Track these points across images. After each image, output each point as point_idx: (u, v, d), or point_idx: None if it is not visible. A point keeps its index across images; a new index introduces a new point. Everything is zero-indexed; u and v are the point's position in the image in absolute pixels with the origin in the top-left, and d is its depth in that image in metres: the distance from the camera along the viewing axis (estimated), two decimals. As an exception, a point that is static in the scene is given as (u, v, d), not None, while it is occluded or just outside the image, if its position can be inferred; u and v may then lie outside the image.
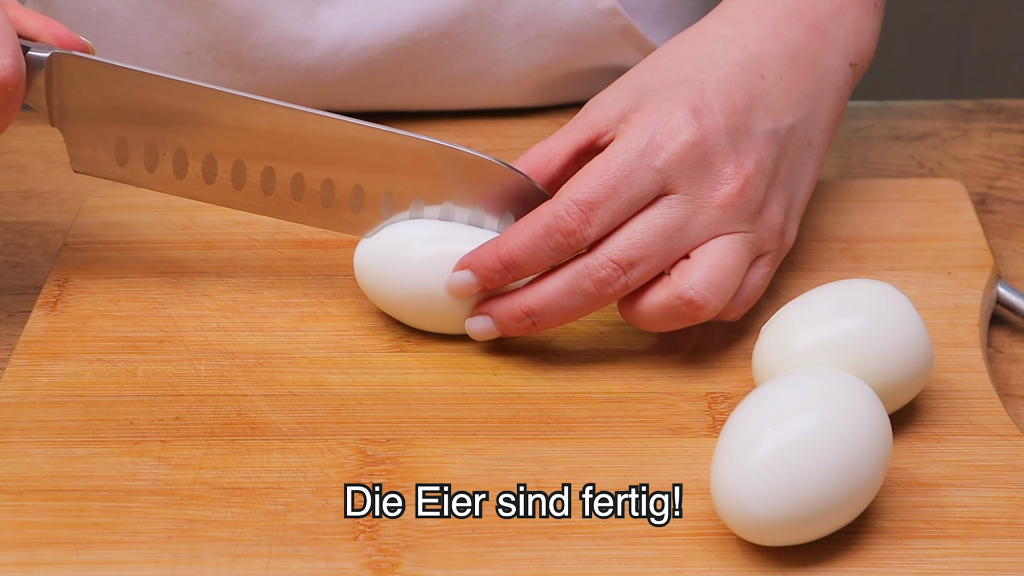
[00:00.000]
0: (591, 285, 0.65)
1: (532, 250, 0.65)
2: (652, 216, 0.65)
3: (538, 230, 0.65)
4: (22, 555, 0.59)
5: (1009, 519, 0.61)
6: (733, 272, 0.66)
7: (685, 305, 0.65)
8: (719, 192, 0.66)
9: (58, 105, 0.68)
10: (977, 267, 0.74)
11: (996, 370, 0.70)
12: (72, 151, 0.70)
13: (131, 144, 0.69)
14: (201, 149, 0.69)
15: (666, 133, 0.66)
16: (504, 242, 0.66)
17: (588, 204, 0.65)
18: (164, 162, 0.69)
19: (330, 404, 0.66)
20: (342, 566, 0.59)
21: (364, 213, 0.69)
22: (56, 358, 0.69)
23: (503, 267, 0.66)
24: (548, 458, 0.63)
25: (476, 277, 0.66)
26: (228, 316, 0.71)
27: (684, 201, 0.65)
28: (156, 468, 0.63)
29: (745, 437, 0.59)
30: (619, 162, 0.65)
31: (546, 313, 0.66)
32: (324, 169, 0.68)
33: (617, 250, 0.65)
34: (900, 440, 0.64)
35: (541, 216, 0.65)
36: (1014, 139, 0.85)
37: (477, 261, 0.66)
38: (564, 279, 0.65)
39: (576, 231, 0.65)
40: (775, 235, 0.68)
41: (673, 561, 0.59)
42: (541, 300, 0.66)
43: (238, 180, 0.69)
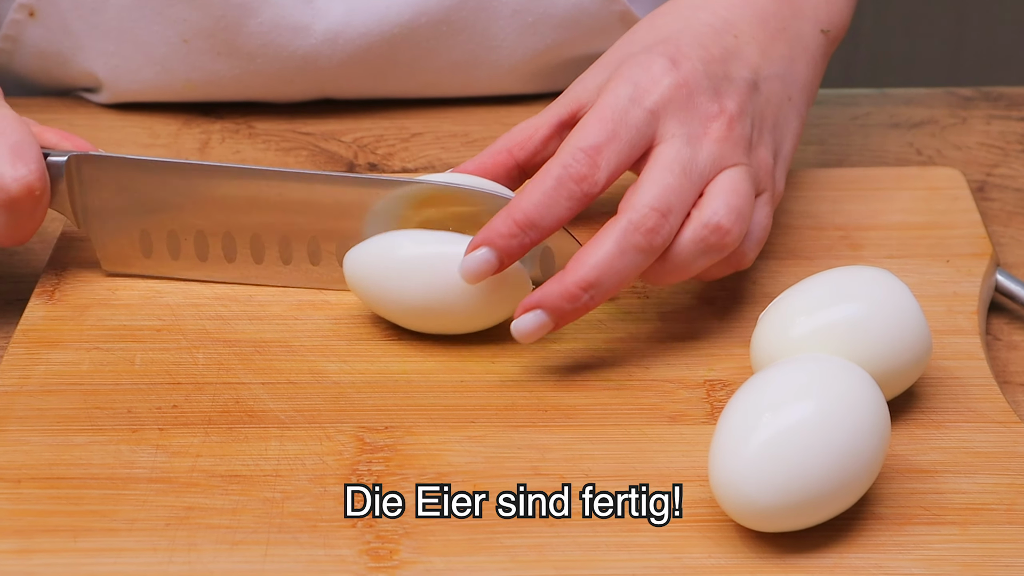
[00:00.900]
0: (641, 238, 0.64)
1: (548, 204, 0.65)
2: (664, 160, 0.66)
3: (550, 183, 0.65)
4: (20, 542, 0.59)
5: (1007, 506, 0.61)
6: (747, 198, 0.67)
7: (712, 233, 0.65)
8: (711, 128, 0.67)
9: (82, 207, 0.71)
10: (976, 255, 0.74)
11: (994, 357, 0.70)
12: (101, 252, 0.72)
13: (153, 234, 0.71)
14: (218, 228, 0.70)
15: (650, 78, 0.67)
16: (517, 205, 0.65)
17: (593, 148, 0.65)
18: (186, 247, 0.71)
19: (328, 392, 0.66)
20: (340, 553, 0.59)
21: None
22: (54, 346, 0.68)
23: (521, 230, 0.64)
24: (546, 446, 0.63)
25: (494, 251, 0.65)
26: (226, 305, 0.71)
27: (684, 140, 0.66)
28: (154, 456, 0.63)
29: (743, 424, 0.59)
30: (612, 107, 0.66)
31: (603, 281, 0.64)
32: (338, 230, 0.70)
33: (653, 198, 0.65)
34: (898, 427, 0.64)
35: (549, 170, 0.65)
36: (1013, 127, 0.85)
37: (492, 232, 0.65)
38: (613, 240, 0.64)
39: (587, 175, 0.65)
40: (768, 174, 0.69)
41: (672, 548, 0.59)
42: (596, 269, 0.64)
43: (257, 254, 0.71)
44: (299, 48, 0.83)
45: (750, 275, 0.73)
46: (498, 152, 0.71)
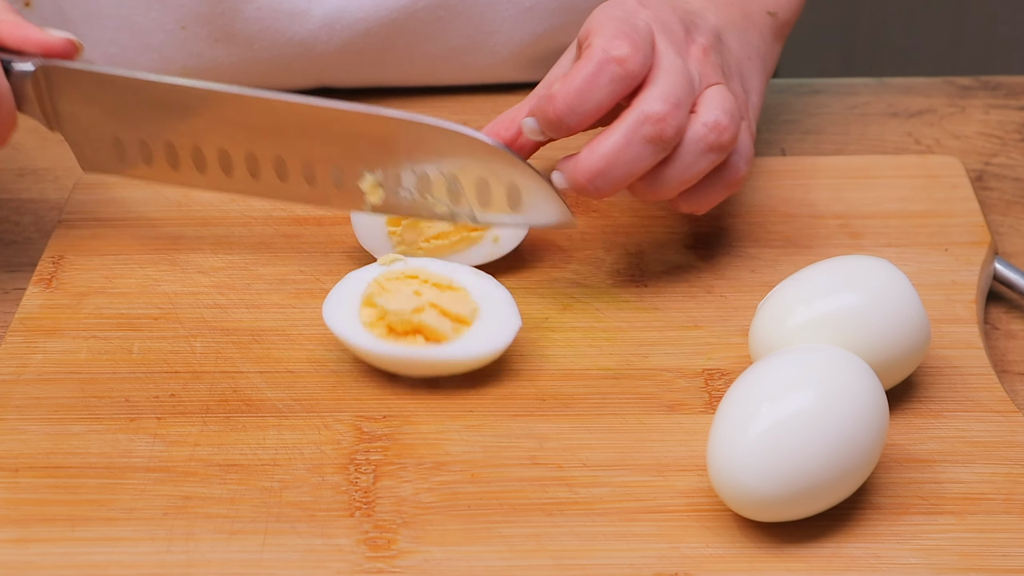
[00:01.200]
0: (651, 128, 0.66)
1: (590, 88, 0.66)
2: (663, 65, 0.67)
3: (592, 69, 0.66)
4: (18, 532, 0.59)
5: (1005, 495, 0.61)
6: (735, 103, 0.68)
7: (712, 131, 0.67)
8: (691, 50, 0.69)
9: (52, 112, 0.71)
10: (974, 243, 0.74)
11: (993, 346, 0.70)
12: (76, 152, 0.72)
13: (125, 142, 0.71)
14: (187, 142, 0.70)
15: (629, 10, 0.68)
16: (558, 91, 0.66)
17: (623, 34, 0.66)
18: (157, 156, 0.71)
19: (326, 381, 0.66)
20: (338, 542, 0.59)
21: (347, 188, 0.70)
22: (51, 335, 0.68)
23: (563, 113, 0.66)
24: (544, 435, 0.63)
25: (539, 123, 0.67)
26: (224, 293, 0.71)
27: (674, 52, 0.68)
28: (152, 445, 0.63)
29: (742, 413, 0.59)
30: (617, 17, 0.67)
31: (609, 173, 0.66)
32: (303, 150, 0.69)
33: (661, 92, 0.66)
34: (897, 416, 0.64)
35: (591, 58, 0.66)
36: (1012, 116, 0.85)
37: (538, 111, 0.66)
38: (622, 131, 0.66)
39: (628, 58, 0.66)
40: (744, 105, 0.71)
41: (670, 537, 0.59)
42: (604, 159, 0.66)
43: (226, 167, 0.70)
44: (297, 34, 0.83)
45: (748, 264, 0.73)
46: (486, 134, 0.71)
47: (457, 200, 0.68)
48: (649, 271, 0.73)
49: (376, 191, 0.69)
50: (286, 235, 0.75)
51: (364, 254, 0.73)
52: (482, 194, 0.68)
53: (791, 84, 0.87)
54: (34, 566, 0.58)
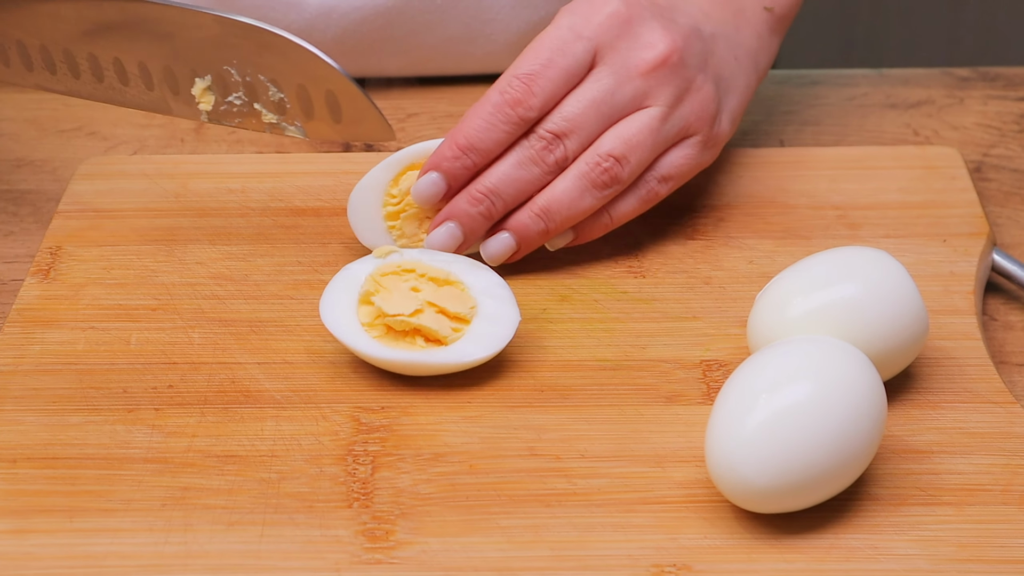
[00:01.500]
0: (535, 154, 0.69)
1: (487, 128, 0.69)
2: (581, 91, 0.70)
3: (488, 108, 0.69)
4: (16, 523, 0.59)
5: (1003, 486, 0.61)
6: (642, 145, 0.70)
7: (593, 169, 0.69)
8: (644, 58, 0.70)
9: None
10: (972, 235, 0.74)
11: (991, 337, 0.70)
12: None
13: None
14: (34, 40, 0.70)
15: (592, 9, 0.70)
16: (459, 130, 0.69)
17: (528, 76, 0.69)
18: (11, 55, 0.71)
19: (324, 372, 0.66)
20: (336, 534, 0.59)
21: (181, 95, 0.70)
22: (49, 326, 0.68)
23: (463, 152, 0.69)
24: (542, 426, 0.63)
25: (441, 174, 0.69)
26: (221, 284, 0.71)
27: (610, 72, 0.70)
28: (150, 436, 0.63)
29: (740, 404, 0.59)
30: (552, 37, 0.70)
31: (502, 190, 0.69)
32: (136, 52, 0.70)
33: (552, 124, 0.69)
34: (895, 407, 0.64)
35: (488, 96, 0.69)
36: (1010, 107, 0.85)
37: (438, 157, 0.70)
38: (512, 154, 0.69)
39: (522, 100, 0.69)
40: (705, 119, 0.71)
41: (667, 528, 0.59)
42: (496, 178, 0.69)
43: (73, 69, 0.71)
44: (293, 22, 0.82)
45: (746, 255, 0.73)
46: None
47: (282, 110, 0.69)
48: (647, 262, 0.73)
49: (207, 97, 0.70)
50: (284, 226, 0.74)
51: (361, 246, 0.73)
52: (302, 102, 0.69)
53: (790, 75, 0.87)
54: (32, 557, 0.58)
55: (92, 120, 0.83)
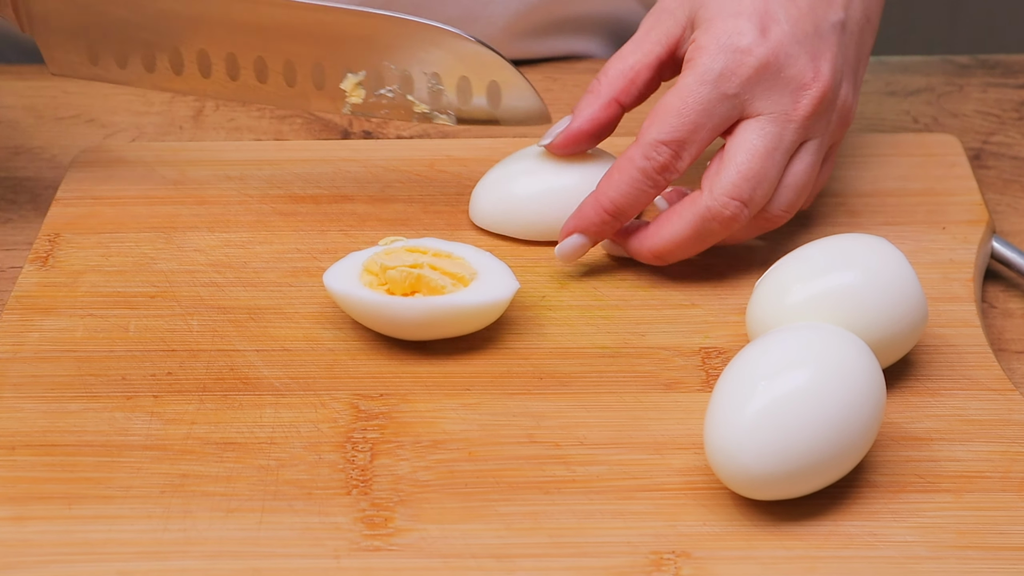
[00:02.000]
0: (719, 226, 0.67)
1: (635, 194, 0.68)
2: (751, 144, 0.67)
3: (636, 175, 0.68)
4: (14, 509, 0.59)
5: (1002, 473, 0.61)
6: (804, 188, 0.69)
7: (769, 222, 0.69)
8: (801, 103, 0.68)
9: (25, 12, 0.70)
10: (972, 222, 0.74)
11: (990, 325, 0.70)
12: (47, 54, 0.72)
13: (100, 43, 0.70)
14: (166, 43, 0.70)
15: (737, 59, 0.67)
16: (605, 194, 0.68)
17: (676, 142, 0.67)
18: (134, 58, 0.71)
19: (323, 359, 0.66)
20: (335, 520, 0.59)
21: (327, 89, 0.71)
22: (47, 313, 0.68)
23: (611, 217, 0.68)
24: (541, 413, 0.63)
25: (586, 237, 0.69)
26: (220, 271, 0.71)
27: (771, 121, 0.67)
28: (148, 423, 0.63)
29: (739, 392, 0.58)
30: (696, 97, 0.67)
31: (675, 253, 0.69)
32: (285, 51, 0.70)
33: (734, 186, 0.67)
34: (894, 395, 0.64)
35: (633, 161, 0.68)
36: (1009, 94, 0.85)
37: (584, 221, 0.69)
38: (689, 223, 0.68)
39: (670, 166, 0.67)
40: (844, 120, 0.70)
41: (666, 515, 0.59)
42: (670, 243, 0.68)
43: (204, 69, 0.71)
44: None
45: (746, 242, 0.73)
46: (607, 105, 0.70)
47: (437, 100, 0.69)
48: (646, 249, 0.72)
49: (357, 91, 0.70)
50: (283, 213, 0.74)
51: (361, 233, 0.73)
52: (462, 92, 0.69)
53: (789, 62, 0.87)
54: (31, 544, 0.58)
55: (90, 107, 0.83)
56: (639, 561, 0.57)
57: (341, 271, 0.67)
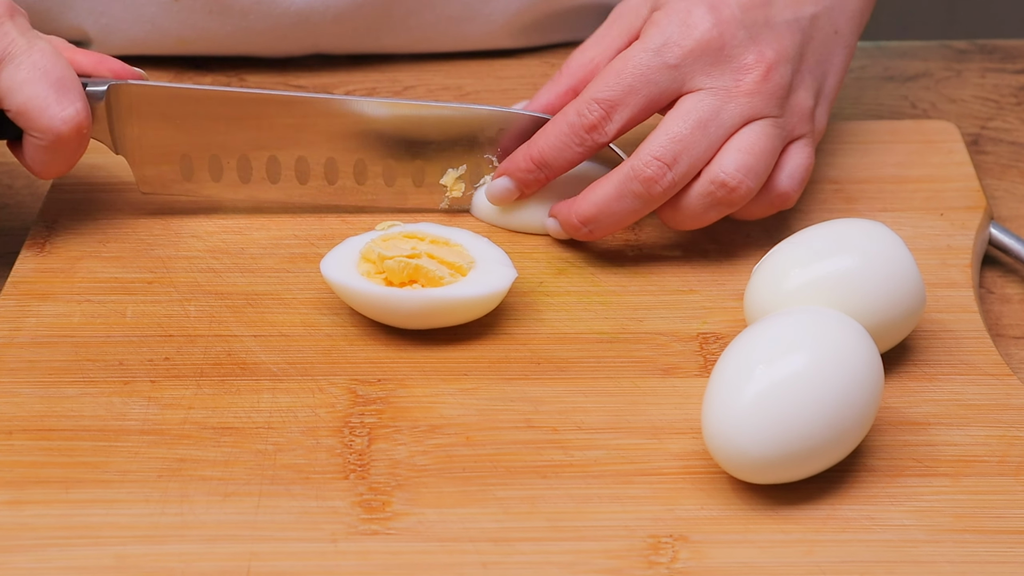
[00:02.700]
0: (639, 186, 0.67)
1: (560, 148, 0.69)
2: (684, 110, 0.68)
3: (564, 129, 0.68)
4: (12, 494, 0.59)
5: (999, 457, 0.61)
6: (763, 155, 0.68)
7: (719, 188, 0.68)
8: (744, 81, 0.68)
9: (119, 134, 0.71)
10: (969, 208, 0.74)
11: (988, 310, 0.70)
12: (138, 174, 0.72)
13: (194, 159, 0.71)
14: (263, 152, 0.71)
15: (682, 31, 0.68)
16: (534, 143, 0.69)
17: (608, 102, 0.68)
18: (229, 171, 0.71)
19: (320, 344, 0.66)
20: (333, 505, 0.59)
21: (426, 186, 0.72)
22: (45, 299, 0.68)
23: (535, 167, 0.69)
24: (539, 398, 0.63)
25: (513, 181, 0.70)
26: (218, 257, 0.71)
27: (710, 94, 0.68)
28: (146, 408, 0.63)
29: (737, 376, 0.58)
30: (636, 61, 0.68)
31: (600, 220, 0.69)
32: (384, 152, 0.71)
33: (659, 147, 0.67)
34: (891, 379, 0.64)
35: (566, 115, 0.69)
36: (1008, 80, 0.85)
37: (511, 164, 0.70)
38: (613, 184, 0.68)
39: (598, 126, 0.68)
40: (805, 119, 0.70)
41: (664, 499, 0.59)
42: (594, 207, 0.68)
43: (302, 175, 0.72)
44: (293, 4, 0.82)
45: (743, 228, 0.73)
46: (564, 93, 0.72)
47: None
48: (644, 235, 0.72)
49: (458, 186, 0.72)
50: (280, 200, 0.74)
51: (359, 219, 0.73)
52: None
53: (787, 49, 0.87)
54: (28, 528, 0.58)
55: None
56: (637, 545, 0.57)
57: (338, 258, 0.67)
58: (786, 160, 0.70)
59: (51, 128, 0.66)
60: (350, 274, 0.66)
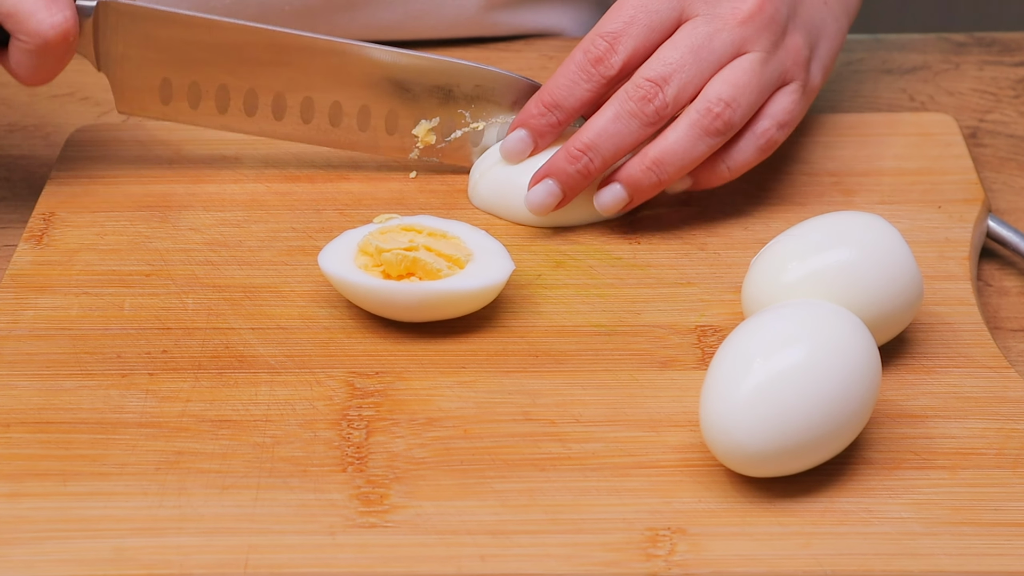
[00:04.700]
0: (633, 105, 0.69)
1: (570, 86, 0.70)
2: (678, 37, 0.70)
3: (571, 67, 0.70)
4: (10, 486, 0.59)
5: (997, 450, 0.61)
6: (748, 88, 0.69)
7: (704, 116, 0.69)
8: (740, 9, 0.70)
9: (104, 51, 0.72)
10: (968, 200, 0.74)
11: (985, 303, 0.70)
12: (117, 94, 0.73)
13: (174, 84, 0.72)
14: (243, 84, 0.72)
15: None
16: (545, 88, 0.71)
17: (611, 34, 0.69)
18: (207, 99, 0.72)
19: (318, 337, 0.66)
20: (331, 497, 0.59)
21: (399, 134, 0.72)
22: (42, 291, 0.68)
23: (548, 109, 0.70)
24: (537, 391, 0.63)
25: (528, 130, 0.70)
26: (215, 250, 0.71)
27: (705, 21, 0.70)
28: (144, 400, 0.63)
29: (734, 369, 0.58)
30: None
31: (600, 144, 0.69)
32: (361, 96, 0.72)
33: (650, 70, 0.69)
34: (889, 372, 0.64)
35: (573, 55, 0.70)
36: (1006, 72, 0.85)
37: (524, 114, 0.71)
38: (610, 107, 0.70)
39: (603, 58, 0.69)
40: (800, 64, 0.71)
41: (662, 492, 0.59)
42: (593, 132, 0.69)
43: (278, 111, 0.72)
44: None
45: (741, 221, 0.73)
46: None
47: None
48: (642, 228, 0.72)
49: (429, 136, 0.72)
50: (278, 192, 0.74)
51: (357, 212, 0.73)
52: None
53: (785, 41, 0.87)
54: (26, 520, 0.58)
55: (85, 85, 0.83)
56: (635, 538, 0.57)
57: (336, 251, 0.67)
58: (773, 102, 0.71)
59: (39, 32, 0.67)
60: (348, 267, 0.66)
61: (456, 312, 0.66)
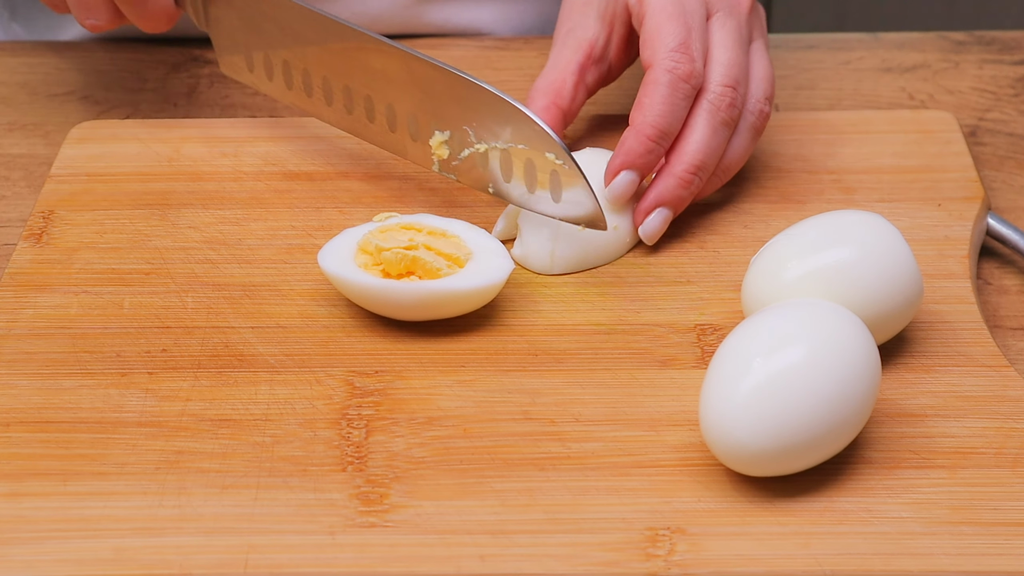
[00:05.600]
0: (725, 114, 0.70)
1: (672, 111, 0.69)
2: (718, 36, 0.72)
3: (665, 92, 0.69)
4: (10, 486, 0.59)
5: (996, 449, 0.61)
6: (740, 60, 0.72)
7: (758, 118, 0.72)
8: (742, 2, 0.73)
9: (204, 12, 0.75)
10: (967, 199, 0.74)
11: (985, 302, 0.70)
12: (219, 55, 0.76)
13: (254, 54, 0.74)
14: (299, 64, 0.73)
15: None
16: (643, 122, 0.69)
17: (682, 46, 0.70)
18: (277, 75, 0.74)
19: (318, 336, 0.66)
20: (330, 497, 0.59)
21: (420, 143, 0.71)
22: (42, 290, 0.68)
23: (655, 142, 0.69)
24: (536, 390, 0.63)
25: (635, 170, 0.69)
26: (215, 248, 0.71)
27: (726, 14, 0.72)
28: (143, 400, 0.63)
29: (734, 368, 0.58)
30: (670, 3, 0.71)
31: (706, 161, 0.70)
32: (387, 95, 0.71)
33: (722, 76, 0.71)
34: (889, 371, 0.64)
35: (658, 80, 0.70)
36: (1005, 71, 0.85)
37: (629, 155, 0.69)
38: (703, 121, 0.70)
39: (692, 71, 0.70)
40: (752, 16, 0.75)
41: (662, 492, 0.59)
42: (699, 151, 0.70)
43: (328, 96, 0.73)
44: None
45: (741, 219, 0.73)
46: (547, 108, 0.73)
47: (508, 178, 0.69)
48: (642, 226, 0.72)
49: (442, 149, 0.70)
50: (277, 191, 0.74)
51: (356, 210, 0.73)
52: (529, 176, 0.69)
53: (784, 39, 0.87)
54: (26, 520, 0.58)
55: (85, 84, 0.83)
56: (634, 537, 0.57)
57: (335, 250, 0.67)
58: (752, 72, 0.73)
59: None
60: (347, 266, 0.66)
61: (456, 311, 0.66)
